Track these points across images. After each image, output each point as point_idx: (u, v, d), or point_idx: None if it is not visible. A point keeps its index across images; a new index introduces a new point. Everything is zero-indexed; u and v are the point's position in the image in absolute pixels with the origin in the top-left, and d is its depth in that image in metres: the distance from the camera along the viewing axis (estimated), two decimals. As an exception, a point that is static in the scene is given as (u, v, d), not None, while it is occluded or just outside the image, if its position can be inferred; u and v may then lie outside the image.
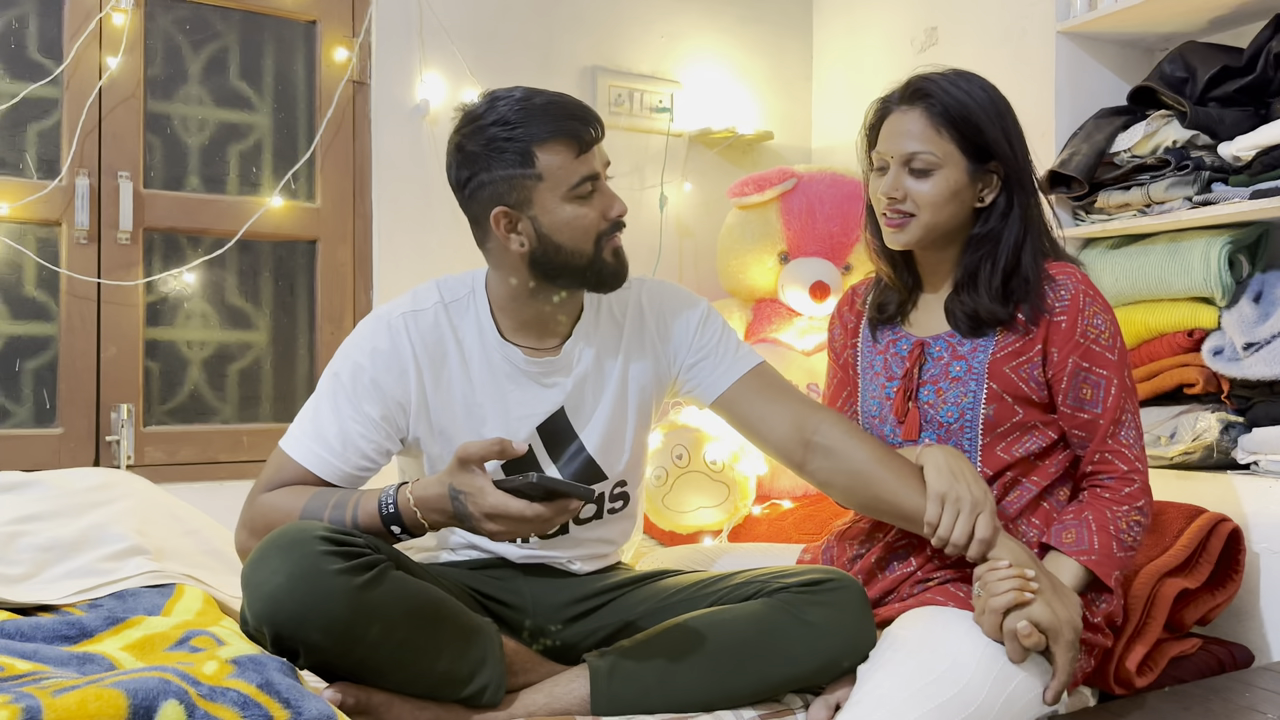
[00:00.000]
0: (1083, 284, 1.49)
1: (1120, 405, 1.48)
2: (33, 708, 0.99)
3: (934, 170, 1.48)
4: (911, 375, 1.55)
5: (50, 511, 1.72)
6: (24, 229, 2.14)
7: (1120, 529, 1.45)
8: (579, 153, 1.43)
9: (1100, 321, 1.48)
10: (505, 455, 1.29)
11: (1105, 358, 1.48)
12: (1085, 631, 1.43)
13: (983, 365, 1.50)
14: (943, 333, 1.56)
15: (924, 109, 1.48)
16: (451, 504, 1.31)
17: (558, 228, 1.44)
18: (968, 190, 1.50)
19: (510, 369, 1.52)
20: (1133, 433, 1.50)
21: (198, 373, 2.32)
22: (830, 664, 1.42)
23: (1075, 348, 1.47)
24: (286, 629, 1.24)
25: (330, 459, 1.45)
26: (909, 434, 1.54)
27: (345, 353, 1.51)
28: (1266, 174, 1.89)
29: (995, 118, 1.49)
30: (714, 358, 1.61)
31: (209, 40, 2.33)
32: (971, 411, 1.50)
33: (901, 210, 1.50)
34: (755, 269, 2.51)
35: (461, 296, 1.54)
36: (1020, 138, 1.52)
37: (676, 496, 2.33)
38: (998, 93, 1.52)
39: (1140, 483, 1.48)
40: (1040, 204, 1.55)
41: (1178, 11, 2.11)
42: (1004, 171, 1.50)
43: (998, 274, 1.50)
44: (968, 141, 1.48)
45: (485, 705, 1.36)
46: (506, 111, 1.41)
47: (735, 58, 2.91)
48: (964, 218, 1.52)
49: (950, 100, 1.47)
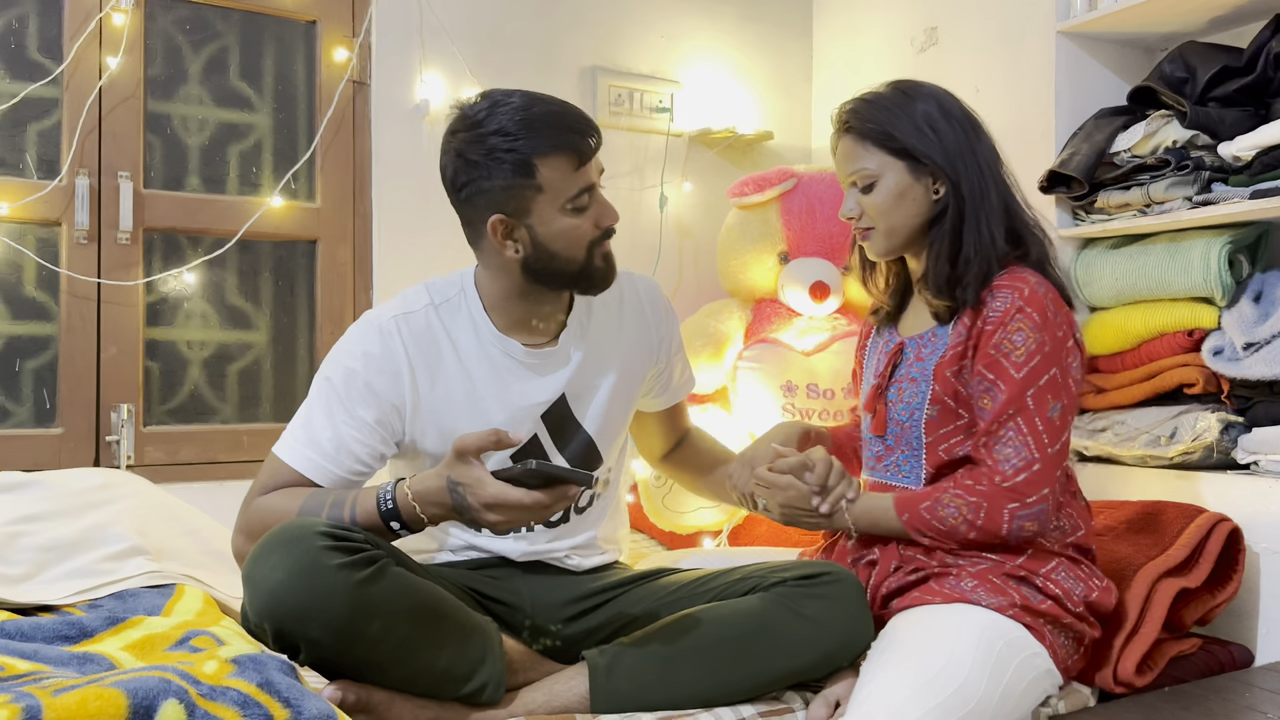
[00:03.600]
0: (1026, 300, 1.49)
1: (1001, 419, 1.48)
2: (33, 707, 0.99)
3: (875, 181, 1.58)
4: (885, 374, 1.63)
5: (50, 512, 1.72)
6: (24, 229, 2.14)
7: (940, 500, 1.49)
8: (578, 165, 1.44)
9: (1020, 338, 1.48)
10: (502, 446, 1.30)
11: (1008, 374, 1.48)
12: (1067, 618, 1.47)
13: (931, 368, 1.56)
14: (917, 335, 1.62)
15: (851, 133, 1.60)
16: (450, 496, 1.31)
17: (553, 237, 1.46)
18: (914, 188, 1.57)
19: (510, 362, 1.53)
20: (1008, 450, 1.47)
21: (198, 373, 2.32)
22: (828, 658, 1.42)
23: (985, 357, 1.51)
24: (287, 624, 1.25)
25: (324, 464, 1.46)
26: (877, 429, 1.64)
27: (336, 358, 1.51)
28: (1266, 174, 1.89)
29: (921, 121, 1.55)
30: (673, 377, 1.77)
31: (209, 40, 2.33)
32: (919, 411, 1.57)
33: (862, 226, 1.61)
34: (755, 269, 2.51)
35: (452, 297, 1.55)
36: (960, 133, 1.56)
37: (676, 497, 2.33)
38: (935, 98, 1.58)
39: (988, 489, 1.47)
40: (994, 190, 1.57)
41: (1178, 11, 2.11)
42: (934, 166, 1.55)
43: (943, 260, 1.56)
44: (891, 147, 1.56)
45: (485, 703, 1.36)
46: (506, 121, 1.41)
47: (735, 58, 2.91)
48: (924, 214, 1.59)
49: (867, 119, 1.58)
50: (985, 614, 1.42)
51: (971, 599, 1.45)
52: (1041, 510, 1.47)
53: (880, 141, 1.57)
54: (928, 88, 1.60)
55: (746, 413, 2.40)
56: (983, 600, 1.44)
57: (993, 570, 1.48)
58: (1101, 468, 2.08)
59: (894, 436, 1.61)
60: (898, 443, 1.61)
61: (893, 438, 1.61)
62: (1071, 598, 1.48)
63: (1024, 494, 1.46)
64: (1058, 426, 1.48)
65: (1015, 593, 1.45)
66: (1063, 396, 1.49)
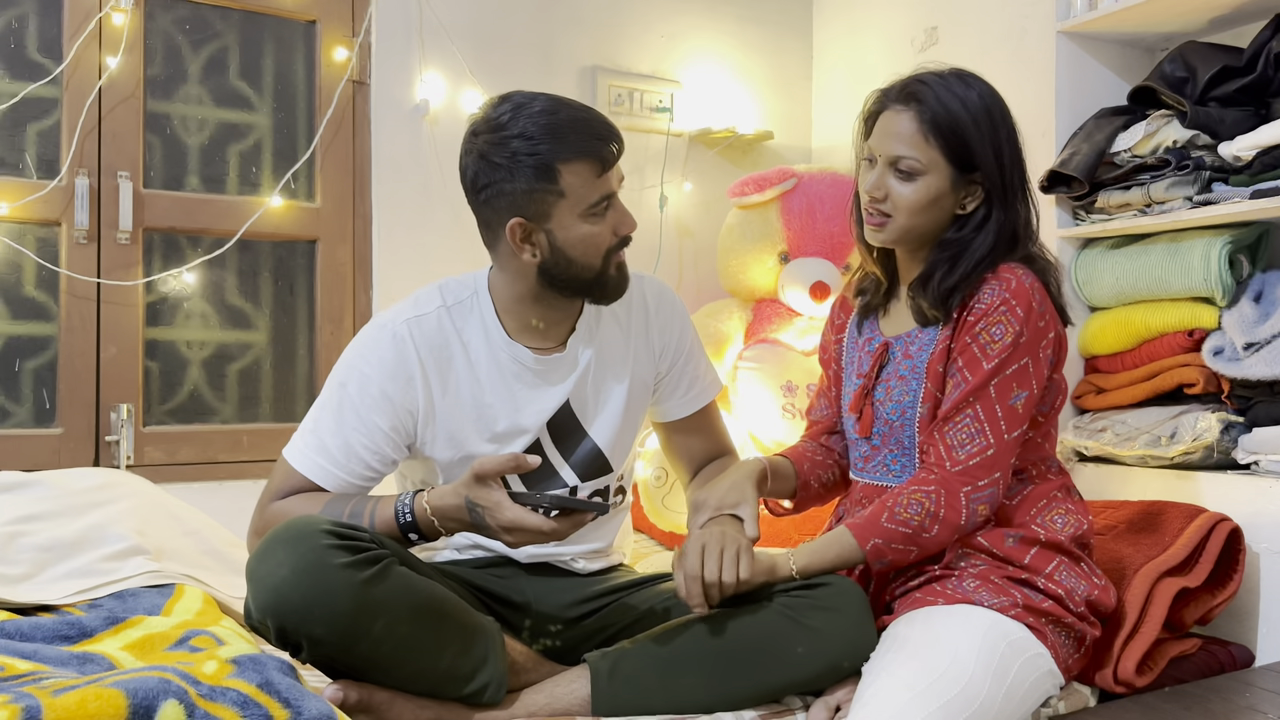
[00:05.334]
0: (1012, 293, 1.46)
1: (962, 407, 1.47)
2: (33, 707, 0.99)
3: (918, 175, 1.49)
4: (871, 374, 1.59)
5: (50, 511, 1.72)
6: (24, 229, 2.14)
7: (898, 503, 1.46)
8: (601, 172, 1.44)
9: (999, 331, 1.46)
10: (520, 470, 1.33)
11: (979, 364, 1.46)
12: (1068, 618, 1.46)
13: (924, 365, 1.53)
14: (903, 334, 1.59)
15: (915, 113, 1.49)
16: (469, 515, 1.35)
17: (572, 243, 1.46)
18: (949, 198, 1.51)
19: (518, 368, 1.53)
20: (963, 435, 1.46)
21: (197, 373, 2.32)
22: (831, 667, 1.42)
23: (961, 345, 1.48)
24: (290, 622, 1.25)
25: (332, 469, 1.46)
26: (863, 430, 1.59)
27: (350, 363, 1.51)
28: (1266, 174, 1.89)
29: (988, 129, 1.48)
30: (684, 381, 1.68)
31: (209, 40, 2.33)
32: (911, 410, 1.54)
33: (881, 210, 1.52)
34: (755, 269, 2.51)
35: (465, 299, 1.55)
36: (1013, 149, 1.51)
37: (676, 497, 2.33)
38: (997, 100, 1.51)
39: (939, 475, 1.46)
40: (1026, 219, 1.54)
41: (1178, 11, 2.11)
42: (987, 185, 1.50)
43: (953, 278, 1.50)
44: (954, 151, 1.48)
45: (486, 704, 1.36)
46: (531, 125, 1.41)
47: (735, 58, 2.91)
48: (943, 223, 1.53)
49: (940, 108, 1.48)
50: (988, 615, 1.42)
51: (974, 600, 1.44)
52: (992, 494, 1.46)
53: (942, 135, 1.47)
54: (985, 85, 1.51)
55: (746, 413, 2.40)
56: (985, 601, 1.44)
57: (994, 571, 1.48)
58: (1101, 468, 2.08)
59: (881, 436, 1.58)
60: (885, 442, 1.58)
61: (879, 437, 1.59)
62: (1074, 597, 1.47)
63: (976, 477, 1.45)
64: (1020, 415, 1.47)
65: (1017, 593, 1.45)
66: (1029, 385, 1.47)
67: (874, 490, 1.60)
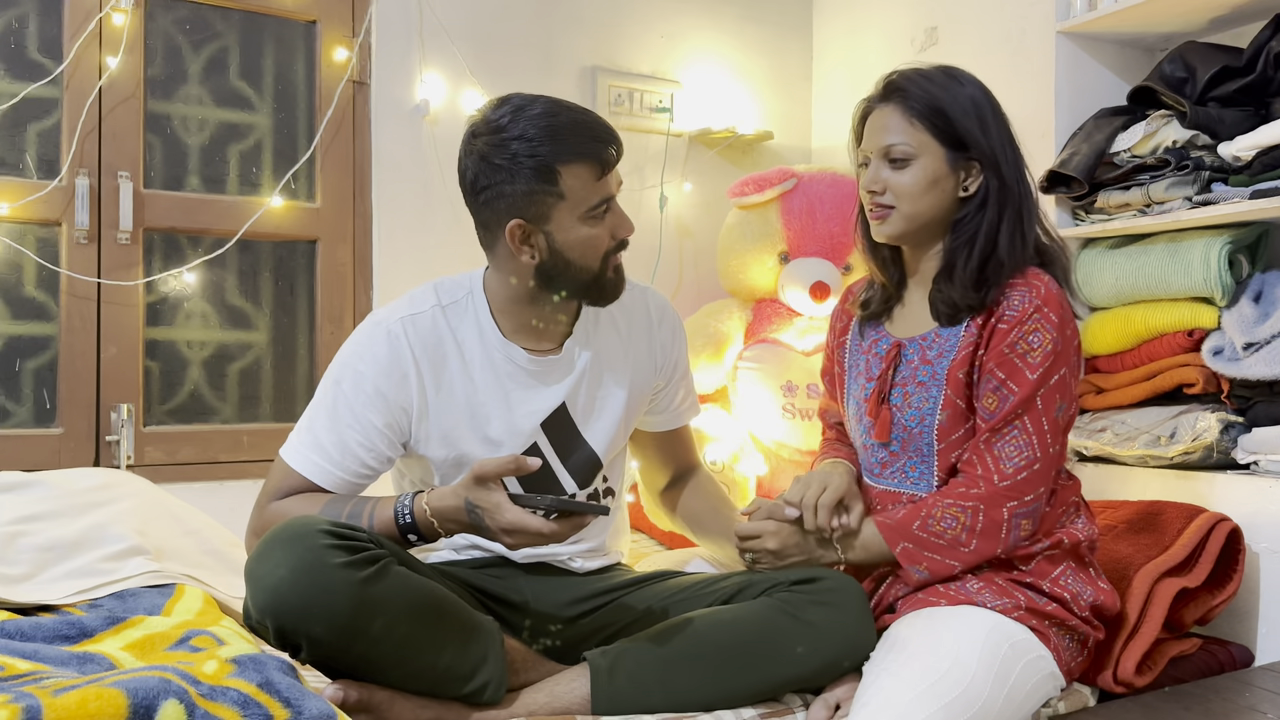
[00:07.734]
0: (1044, 300, 1.46)
1: (1010, 420, 1.46)
2: (33, 707, 0.99)
3: (911, 160, 1.50)
4: (885, 376, 1.57)
5: (50, 512, 1.72)
6: (24, 229, 2.14)
7: (932, 514, 1.46)
8: (600, 175, 1.45)
9: (1037, 339, 1.45)
10: (521, 472, 1.33)
11: (1023, 375, 1.45)
12: (1072, 620, 1.46)
13: (944, 371, 1.52)
14: (917, 336, 1.57)
15: (897, 103, 1.51)
16: (468, 516, 1.34)
17: (570, 245, 1.46)
18: (948, 179, 1.51)
19: (513, 368, 1.53)
20: (1011, 449, 1.45)
21: (198, 373, 2.32)
22: (831, 664, 1.42)
23: (998, 355, 1.47)
24: (289, 622, 1.25)
25: (329, 467, 1.47)
26: (881, 435, 1.57)
27: (344, 360, 1.51)
28: (1266, 174, 1.89)
29: (970, 106, 1.50)
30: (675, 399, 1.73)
31: (209, 40, 2.33)
32: (930, 417, 1.52)
33: (882, 203, 1.53)
34: (755, 269, 2.51)
35: (460, 298, 1.55)
36: (1002, 128, 1.52)
37: (676, 496, 2.33)
38: (979, 86, 1.53)
39: (985, 490, 1.45)
40: (1029, 195, 1.54)
41: (1178, 11, 2.11)
42: (982, 161, 1.51)
43: (974, 259, 1.50)
44: (942, 131, 1.50)
45: (486, 703, 1.36)
46: (531, 127, 1.41)
47: (735, 58, 2.91)
48: (947, 207, 1.53)
49: (922, 93, 1.50)
50: (990, 616, 1.42)
51: (977, 601, 1.44)
52: (1036, 509, 1.46)
53: (927, 118, 1.49)
54: (972, 77, 1.53)
55: (746, 413, 2.40)
56: (988, 602, 1.43)
57: (997, 573, 1.48)
58: (1101, 468, 2.08)
59: (900, 442, 1.55)
60: (904, 449, 1.55)
61: (898, 443, 1.56)
62: (1079, 601, 1.47)
63: (1023, 492, 1.45)
64: (1061, 427, 1.48)
65: (1020, 595, 1.45)
66: (1068, 397, 1.48)
67: (889, 496, 1.58)
